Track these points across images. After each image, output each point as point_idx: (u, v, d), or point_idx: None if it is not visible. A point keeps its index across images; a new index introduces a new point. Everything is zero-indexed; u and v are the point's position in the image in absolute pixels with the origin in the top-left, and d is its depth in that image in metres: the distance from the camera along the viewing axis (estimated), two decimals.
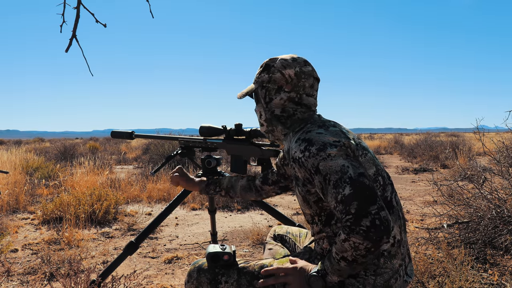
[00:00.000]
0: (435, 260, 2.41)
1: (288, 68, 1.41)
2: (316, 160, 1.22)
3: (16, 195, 5.17)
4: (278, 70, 1.41)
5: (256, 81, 1.47)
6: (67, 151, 11.63)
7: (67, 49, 1.96)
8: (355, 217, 1.12)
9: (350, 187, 1.15)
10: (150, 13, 2.10)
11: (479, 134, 3.40)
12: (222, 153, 8.87)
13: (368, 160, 1.31)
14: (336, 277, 1.23)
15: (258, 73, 1.48)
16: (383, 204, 1.15)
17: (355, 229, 1.11)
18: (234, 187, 1.81)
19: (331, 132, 1.29)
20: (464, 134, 24.61)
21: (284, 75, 1.40)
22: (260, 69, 1.48)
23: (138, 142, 17.46)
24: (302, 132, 1.33)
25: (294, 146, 1.30)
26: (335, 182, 1.17)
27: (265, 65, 1.45)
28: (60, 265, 2.91)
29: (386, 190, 1.32)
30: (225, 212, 5.03)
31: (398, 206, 1.34)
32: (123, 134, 2.43)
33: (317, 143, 1.24)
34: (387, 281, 1.27)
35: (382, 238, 1.11)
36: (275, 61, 1.44)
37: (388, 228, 1.11)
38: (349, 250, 1.15)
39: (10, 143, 20.75)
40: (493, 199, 3.01)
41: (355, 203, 1.13)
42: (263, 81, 1.44)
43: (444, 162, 9.71)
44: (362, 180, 1.16)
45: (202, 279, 1.40)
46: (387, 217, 1.12)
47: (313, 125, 1.36)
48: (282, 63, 1.42)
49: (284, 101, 1.41)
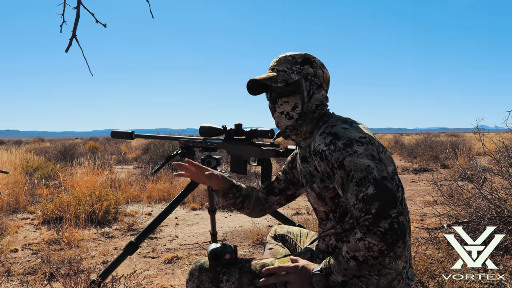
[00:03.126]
0: (435, 260, 2.41)
1: (325, 69, 1.43)
2: (341, 155, 1.21)
3: (16, 195, 5.17)
4: (320, 67, 1.41)
5: (298, 72, 1.39)
6: (67, 151, 11.62)
7: (67, 49, 1.96)
8: (374, 218, 1.12)
9: (374, 187, 1.15)
10: (150, 13, 2.10)
11: (479, 134, 3.40)
12: (222, 153, 8.87)
13: (387, 158, 1.32)
14: (341, 277, 1.22)
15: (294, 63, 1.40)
16: (402, 209, 1.15)
17: (372, 229, 1.12)
18: (251, 196, 1.65)
19: (355, 128, 1.30)
20: (464, 134, 24.60)
21: (324, 73, 1.42)
22: (293, 60, 1.40)
23: (138, 142, 17.46)
24: (327, 126, 1.33)
25: (318, 139, 1.30)
26: (359, 180, 1.17)
27: (306, 58, 1.41)
28: (60, 265, 2.91)
29: (399, 190, 1.32)
30: (225, 212, 5.03)
31: (405, 209, 1.34)
32: (123, 134, 2.43)
33: (344, 138, 1.23)
34: (390, 282, 1.27)
35: (398, 242, 1.11)
36: (314, 58, 1.43)
37: (405, 233, 1.12)
38: (362, 249, 1.15)
39: (10, 143, 20.74)
40: (493, 199, 3.01)
41: (376, 203, 1.13)
42: (308, 73, 1.39)
43: (444, 162, 9.72)
44: (386, 183, 1.17)
45: (204, 278, 1.40)
46: (405, 222, 1.13)
47: (336, 120, 1.36)
48: (321, 62, 1.43)
49: (323, 98, 1.42)
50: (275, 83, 1.37)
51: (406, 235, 1.13)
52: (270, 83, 1.37)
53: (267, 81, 1.37)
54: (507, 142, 3.68)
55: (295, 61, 1.40)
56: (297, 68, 1.39)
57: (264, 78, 1.38)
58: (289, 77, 1.38)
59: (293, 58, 1.41)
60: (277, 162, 9.72)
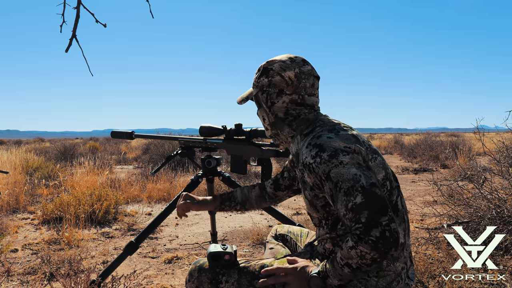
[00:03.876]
0: (435, 260, 2.41)
1: (287, 70, 1.37)
2: (327, 167, 1.20)
3: (16, 195, 5.17)
4: (278, 73, 1.38)
5: (256, 86, 1.43)
6: (67, 151, 11.62)
7: (67, 49, 1.96)
8: (365, 227, 1.12)
9: (362, 196, 1.14)
10: (150, 13, 2.10)
11: (479, 134, 3.40)
12: (222, 153, 8.87)
13: (377, 164, 1.29)
14: (337, 281, 1.23)
15: (256, 77, 1.44)
16: (393, 216, 1.15)
17: (364, 238, 1.12)
18: (250, 198, 1.77)
19: (341, 136, 1.27)
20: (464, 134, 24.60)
21: (284, 77, 1.37)
22: (257, 73, 1.44)
23: (138, 142, 17.46)
24: (313, 137, 1.31)
25: (305, 152, 1.28)
26: (347, 190, 1.17)
27: (263, 69, 1.41)
28: (60, 265, 2.91)
29: (393, 193, 1.31)
30: (225, 212, 5.02)
31: (403, 209, 1.33)
32: (123, 134, 2.43)
33: (329, 149, 1.22)
34: (389, 283, 1.27)
35: (390, 250, 1.11)
36: (273, 64, 1.40)
37: (397, 240, 1.12)
38: (355, 257, 1.15)
39: (10, 143, 20.74)
40: (493, 199, 3.01)
41: (366, 212, 1.13)
42: (263, 85, 1.40)
43: (444, 162, 9.71)
44: (374, 190, 1.16)
45: (203, 279, 1.40)
46: (397, 229, 1.12)
47: (322, 128, 1.33)
48: (281, 65, 1.38)
49: (287, 104, 1.38)
50: (240, 103, 1.49)
51: (398, 242, 1.12)
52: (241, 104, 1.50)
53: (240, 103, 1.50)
54: (507, 142, 3.68)
55: (257, 74, 1.45)
56: (255, 82, 1.45)
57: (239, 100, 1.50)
58: (251, 93, 1.46)
59: (258, 71, 1.46)
60: (277, 162, 9.72)
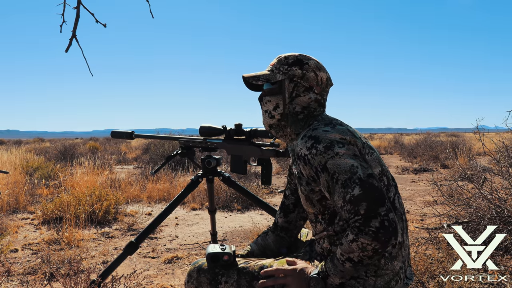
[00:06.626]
0: (435, 260, 2.41)
1: (322, 71, 1.40)
2: (323, 158, 1.21)
3: (16, 195, 5.17)
4: (313, 70, 1.39)
5: (283, 72, 1.40)
6: (67, 151, 11.62)
7: (67, 49, 1.96)
8: (364, 218, 1.12)
9: (359, 187, 1.15)
10: (150, 13, 2.10)
11: (479, 134, 3.40)
12: (222, 153, 8.87)
13: (374, 159, 1.31)
14: (338, 279, 1.23)
15: (283, 64, 1.41)
16: (391, 206, 1.15)
17: (364, 229, 1.12)
18: (268, 245, 1.63)
19: (337, 130, 1.28)
20: (464, 134, 24.59)
21: (317, 76, 1.39)
22: (285, 60, 1.41)
23: (138, 142, 17.46)
24: (309, 129, 1.32)
25: (300, 143, 1.29)
26: (344, 182, 1.17)
27: (298, 60, 1.40)
28: (60, 265, 2.91)
29: (390, 191, 1.32)
30: (225, 212, 5.03)
31: (401, 208, 1.33)
32: (123, 134, 2.43)
33: (324, 141, 1.23)
34: (388, 282, 1.27)
35: (390, 239, 1.12)
36: (309, 60, 1.40)
37: (396, 229, 1.12)
38: (356, 251, 1.15)
39: (10, 143, 20.74)
40: (493, 199, 3.01)
41: (364, 203, 1.13)
42: (294, 75, 1.38)
43: (444, 162, 9.71)
44: (372, 182, 1.17)
45: (202, 279, 1.40)
46: (395, 218, 1.13)
47: (319, 122, 1.35)
48: (317, 64, 1.40)
49: (312, 101, 1.39)
50: (255, 81, 1.42)
51: (398, 231, 1.13)
52: (251, 80, 1.42)
53: (249, 79, 1.43)
54: (507, 142, 3.68)
55: (286, 61, 1.41)
56: (284, 68, 1.40)
57: (249, 76, 1.43)
58: (273, 76, 1.41)
59: (286, 58, 1.42)
60: (277, 162, 9.72)
